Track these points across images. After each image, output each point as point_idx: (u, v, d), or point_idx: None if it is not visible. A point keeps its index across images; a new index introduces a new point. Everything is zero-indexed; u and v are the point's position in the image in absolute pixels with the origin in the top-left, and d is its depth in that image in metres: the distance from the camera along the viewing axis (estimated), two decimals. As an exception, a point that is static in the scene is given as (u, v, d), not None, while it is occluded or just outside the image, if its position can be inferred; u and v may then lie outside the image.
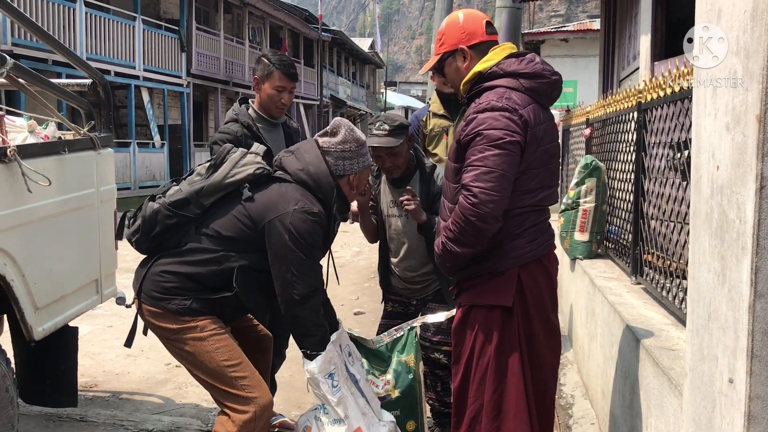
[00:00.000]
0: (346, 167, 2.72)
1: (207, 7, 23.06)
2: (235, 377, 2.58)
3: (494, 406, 2.44)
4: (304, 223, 2.55)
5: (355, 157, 2.74)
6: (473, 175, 2.30)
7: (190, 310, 2.58)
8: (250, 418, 2.55)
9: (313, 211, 2.58)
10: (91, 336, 5.46)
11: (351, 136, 2.74)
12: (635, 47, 6.87)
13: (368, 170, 2.85)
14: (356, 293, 7.37)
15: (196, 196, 2.61)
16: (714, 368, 1.68)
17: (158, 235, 2.63)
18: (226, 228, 2.60)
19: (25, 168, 2.83)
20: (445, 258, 2.48)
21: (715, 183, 1.70)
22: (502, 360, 2.44)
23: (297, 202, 2.57)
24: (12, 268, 2.83)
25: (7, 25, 12.63)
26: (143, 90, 17.72)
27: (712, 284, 1.71)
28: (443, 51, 2.58)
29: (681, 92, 2.80)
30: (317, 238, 2.61)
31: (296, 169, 2.67)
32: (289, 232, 2.53)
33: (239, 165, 2.65)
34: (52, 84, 3.49)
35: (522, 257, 2.45)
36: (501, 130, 2.29)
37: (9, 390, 2.81)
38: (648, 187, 3.44)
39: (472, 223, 2.30)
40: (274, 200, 2.60)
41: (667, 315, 3.01)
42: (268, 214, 2.57)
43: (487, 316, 2.46)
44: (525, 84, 2.41)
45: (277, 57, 3.45)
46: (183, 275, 2.59)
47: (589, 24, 19.30)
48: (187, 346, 2.60)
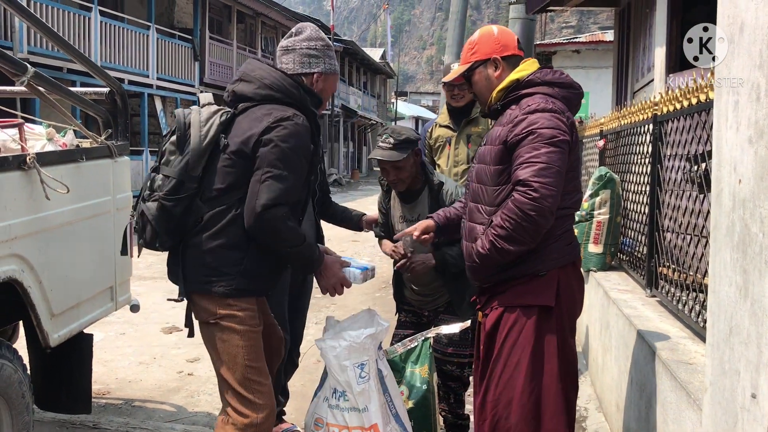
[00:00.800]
0: (312, 64, 2.67)
1: (220, 16, 23.22)
2: (251, 380, 2.57)
3: (531, 406, 2.44)
4: (283, 129, 2.48)
5: (321, 56, 2.69)
6: (532, 171, 2.32)
7: (237, 291, 2.54)
8: (250, 422, 2.54)
9: (286, 116, 2.51)
10: (103, 343, 5.48)
11: (316, 35, 2.71)
12: (649, 59, 6.86)
13: (335, 75, 2.76)
14: (367, 303, 7.36)
15: (185, 172, 2.54)
16: (736, 383, 1.67)
17: (177, 225, 2.57)
18: (222, 180, 2.53)
19: (44, 175, 2.85)
20: (490, 258, 2.45)
21: (737, 196, 1.69)
22: (539, 360, 2.44)
23: (269, 114, 2.51)
24: (29, 274, 2.84)
25: (23, 34, 12.76)
26: (156, 98, 17.83)
27: (734, 298, 1.70)
28: (475, 59, 2.67)
29: (698, 105, 2.80)
30: (302, 139, 2.53)
31: (253, 90, 2.59)
32: (271, 144, 2.46)
33: (205, 123, 2.57)
34: (71, 92, 3.52)
35: (561, 259, 2.50)
36: (554, 129, 2.37)
37: (25, 396, 2.82)
38: (663, 199, 3.43)
39: (532, 219, 2.31)
40: (248, 126, 2.53)
41: (683, 328, 3.00)
42: (249, 142, 2.50)
43: (521, 315, 2.47)
44: (560, 92, 2.52)
45: None
46: (218, 248, 2.54)
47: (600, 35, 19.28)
48: (222, 334, 2.57)
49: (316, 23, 30.38)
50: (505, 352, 2.48)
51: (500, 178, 2.49)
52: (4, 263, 2.69)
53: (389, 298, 7.54)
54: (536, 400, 2.44)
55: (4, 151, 3.25)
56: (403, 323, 3.59)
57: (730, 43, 1.77)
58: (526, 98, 2.50)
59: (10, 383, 2.71)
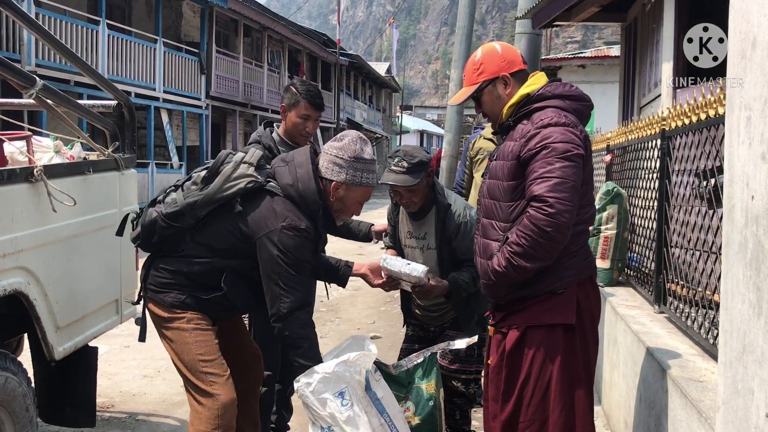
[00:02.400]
0: (333, 172, 2.75)
1: (227, 30, 23.35)
2: (205, 372, 2.73)
3: (563, 424, 2.41)
4: (291, 239, 2.63)
5: (345, 166, 2.75)
6: (547, 186, 2.30)
7: (183, 304, 2.74)
8: (209, 411, 2.70)
9: (300, 227, 2.66)
10: (108, 356, 5.46)
11: (350, 147, 2.76)
12: (656, 74, 6.86)
13: (362, 189, 2.80)
14: (372, 317, 7.34)
15: (190, 209, 2.72)
16: (749, 402, 1.64)
17: (157, 242, 2.79)
18: (219, 241, 2.73)
19: (51, 188, 2.85)
20: (507, 276, 2.41)
21: (749, 213, 1.67)
22: (567, 378, 2.42)
23: (285, 218, 2.65)
24: (35, 287, 2.84)
25: (31, 47, 12.84)
26: (163, 111, 17.90)
27: (747, 316, 1.67)
28: (483, 79, 2.62)
29: (707, 120, 2.79)
30: (306, 253, 2.70)
31: (286, 184, 2.73)
32: (277, 248, 2.62)
33: (231, 179, 2.72)
34: (79, 105, 3.53)
35: (579, 275, 2.48)
36: (568, 143, 2.35)
37: (29, 409, 2.81)
38: (672, 214, 3.41)
39: (548, 235, 2.29)
40: (264, 216, 2.68)
41: (692, 345, 2.97)
42: (258, 231, 2.67)
43: (546, 336, 2.44)
44: (572, 105, 2.50)
45: (305, 87, 3.48)
46: (178, 273, 2.75)
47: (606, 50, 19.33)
48: (171, 333, 2.77)
49: (322, 37, 30.69)
50: (534, 374, 2.44)
51: (514, 193, 2.46)
52: (10, 276, 2.68)
53: (394, 312, 7.52)
54: (568, 417, 2.42)
55: (12, 163, 3.26)
56: (410, 337, 3.57)
57: (741, 59, 1.76)
58: (538, 112, 2.47)
59: (15, 396, 2.70)
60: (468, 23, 9.69)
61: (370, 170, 2.80)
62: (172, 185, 2.86)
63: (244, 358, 3.09)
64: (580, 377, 2.44)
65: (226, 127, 23.41)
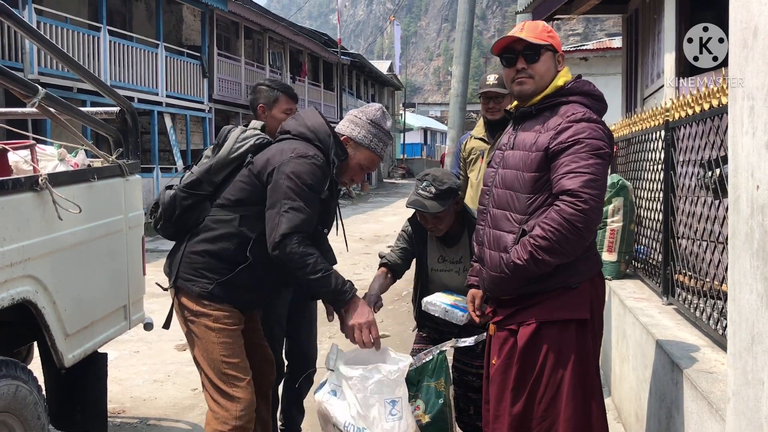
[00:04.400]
0: (347, 129, 2.84)
1: (228, 33, 23.37)
2: (228, 374, 2.73)
3: (578, 421, 2.39)
4: (301, 165, 2.65)
5: (361, 126, 2.83)
6: (581, 182, 2.27)
7: (210, 295, 2.74)
8: (229, 414, 2.70)
9: (309, 153, 2.69)
10: (118, 361, 5.48)
11: (371, 111, 2.86)
12: (659, 65, 6.84)
13: (368, 153, 2.84)
14: (380, 316, 7.33)
15: (207, 175, 2.81)
16: (760, 393, 1.64)
17: (179, 217, 2.83)
18: (235, 192, 2.77)
19: (56, 196, 2.86)
20: (526, 270, 2.37)
21: (755, 203, 1.66)
22: (581, 374, 2.40)
23: (293, 150, 2.70)
24: (43, 295, 2.85)
25: (34, 55, 12.88)
26: (166, 116, 17.94)
27: (755, 306, 1.67)
28: (552, 43, 2.53)
29: (711, 110, 2.77)
30: (317, 180, 2.68)
31: (295, 125, 2.82)
32: (287, 176, 2.63)
33: (240, 139, 2.83)
34: (82, 112, 3.54)
35: (590, 270, 2.47)
36: (600, 141, 2.35)
37: (41, 417, 2.82)
38: (677, 205, 3.40)
39: (579, 230, 2.26)
40: (273, 153, 2.74)
41: (701, 336, 2.96)
42: (269, 165, 2.70)
43: (561, 331, 2.42)
44: (594, 105, 2.49)
45: (277, 82, 3.54)
46: (206, 253, 2.75)
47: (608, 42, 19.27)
48: (197, 329, 2.77)
49: (323, 37, 30.68)
50: (546, 372, 2.42)
51: (535, 185, 2.42)
52: (18, 284, 2.69)
53: (402, 310, 7.52)
54: (583, 414, 2.40)
55: (17, 172, 3.27)
56: (423, 338, 3.53)
57: (743, 48, 1.75)
58: (565, 106, 2.45)
59: (26, 404, 2.71)
60: (468, 19, 9.68)
61: (382, 139, 2.85)
62: (187, 166, 2.96)
63: (257, 362, 3.07)
64: (592, 373, 2.43)
65: (229, 130, 23.42)
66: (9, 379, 2.60)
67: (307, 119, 2.82)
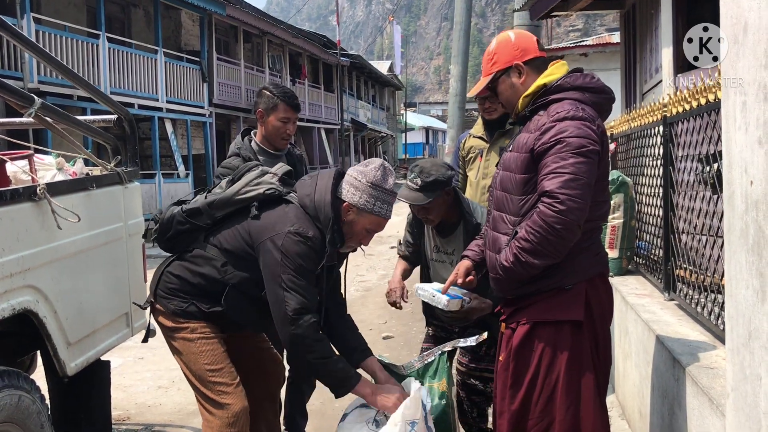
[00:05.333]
0: (348, 194, 2.71)
1: (227, 37, 23.40)
2: (213, 381, 2.73)
3: (570, 422, 2.39)
4: (296, 245, 2.60)
5: (362, 190, 2.69)
6: (559, 182, 2.25)
7: (186, 313, 2.76)
8: (222, 424, 2.69)
9: (307, 234, 2.62)
10: (122, 368, 5.49)
11: (371, 173, 2.70)
12: (657, 60, 6.83)
13: (372, 217, 2.72)
14: (384, 317, 7.34)
15: (208, 208, 2.77)
16: (758, 388, 1.63)
17: (171, 237, 2.84)
18: (228, 241, 2.74)
19: (55, 205, 2.87)
20: (515, 272, 2.39)
21: (749, 198, 1.66)
22: (574, 376, 2.39)
23: (292, 224, 2.63)
24: (44, 304, 2.85)
25: (33, 65, 12.91)
26: (167, 121, 17.96)
27: (752, 301, 1.67)
28: (496, 70, 2.58)
29: (707, 105, 2.77)
30: (309, 262, 2.63)
31: (304, 194, 2.74)
32: (280, 251, 2.59)
33: (252, 183, 2.77)
34: (78, 121, 3.55)
35: (588, 271, 2.44)
36: (583, 138, 2.30)
37: (44, 426, 2.82)
38: (677, 201, 3.39)
39: (557, 232, 2.25)
40: (273, 220, 2.68)
41: (703, 331, 2.95)
42: (264, 234, 2.65)
43: (554, 332, 2.41)
44: (591, 98, 2.44)
45: (280, 89, 3.48)
46: (184, 280, 2.77)
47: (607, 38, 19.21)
48: (177, 344, 2.79)
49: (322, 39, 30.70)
50: (542, 373, 2.42)
51: (526, 187, 2.42)
52: (19, 295, 2.70)
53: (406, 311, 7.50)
54: (575, 416, 2.39)
55: (15, 182, 3.28)
56: (432, 337, 3.53)
57: (734, 44, 1.75)
58: (555, 104, 2.41)
59: (29, 414, 2.71)
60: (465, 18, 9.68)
61: (385, 200, 2.71)
62: (201, 189, 2.93)
63: (260, 362, 3.09)
64: (588, 375, 2.40)
65: (230, 134, 23.46)
66: (11, 389, 2.60)
67: (317, 192, 2.70)
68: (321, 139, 29.34)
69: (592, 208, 2.36)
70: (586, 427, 2.39)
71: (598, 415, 2.42)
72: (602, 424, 2.44)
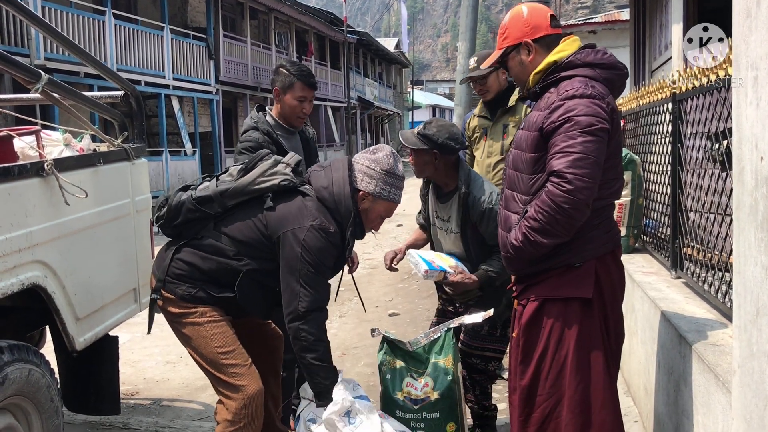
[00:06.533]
0: (363, 183, 2.76)
1: (233, 14, 23.27)
2: (226, 364, 2.72)
3: (580, 399, 2.39)
4: (318, 240, 2.62)
5: (377, 178, 2.76)
6: (567, 161, 2.24)
7: (194, 298, 2.73)
8: (239, 405, 2.69)
9: (329, 230, 2.66)
10: (130, 344, 5.53)
11: (384, 161, 2.78)
12: (667, 37, 6.76)
13: (387, 204, 2.81)
14: (390, 294, 7.36)
15: (220, 197, 2.74)
16: (765, 365, 1.63)
17: (180, 224, 2.80)
18: (243, 232, 2.71)
19: (62, 181, 2.87)
20: (524, 251, 2.39)
21: (759, 174, 1.65)
22: (584, 353, 2.40)
23: (314, 218, 2.65)
24: (53, 280, 2.87)
25: (40, 41, 12.88)
26: (173, 99, 17.94)
27: (760, 278, 1.66)
28: (507, 45, 2.57)
29: (717, 81, 2.74)
30: (329, 257, 2.68)
31: (321, 187, 2.74)
32: (302, 246, 2.60)
33: (267, 174, 2.74)
34: (85, 97, 3.54)
35: (599, 249, 2.43)
36: (592, 117, 2.28)
37: (54, 400, 2.85)
38: (686, 179, 3.37)
39: (565, 211, 2.24)
40: (293, 213, 2.67)
41: (710, 309, 2.95)
42: (285, 226, 2.65)
43: (563, 309, 2.41)
44: (602, 74, 2.41)
45: (297, 67, 3.45)
46: (194, 266, 2.74)
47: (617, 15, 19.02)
48: (186, 330, 2.76)
49: (329, 16, 30.51)
50: (551, 349, 2.43)
51: (536, 166, 2.40)
52: (28, 270, 2.71)
53: (412, 288, 7.54)
54: (585, 393, 2.40)
55: (23, 158, 3.28)
56: (439, 311, 3.60)
57: (746, 17, 1.73)
58: (565, 81, 2.39)
59: (39, 388, 2.75)
60: (473, -6, 9.58)
61: (398, 186, 2.81)
62: (208, 175, 2.89)
63: (264, 339, 3.12)
64: (597, 353, 2.41)
65: (237, 112, 23.44)
66: (22, 363, 2.63)
67: (335, 184, 2.73)
68: (327, 117, 29.27)
69: (603, 186, 2.35)
70: (595, 404, 2.40)
71: (608, 393, 2.43)
72: (612, 401, 2.45)
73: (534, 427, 2.50)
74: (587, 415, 2.41)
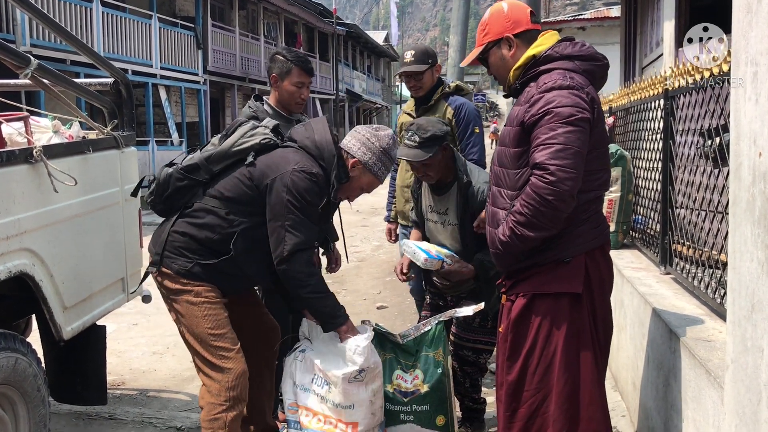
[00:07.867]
0: (359, 151, 2.85)
1: (222, 3, 23.11)
2: (215, 345, 2.75)
3: (568, 395, 2.39)
4: (302, 181, 2.68)
5: (374, 152, 2.86)
6: (548, 153, 2.23)
7: (190, 273, 2.76)
8: (222, 387, 2.72)
9: (312, 171, 2.72)
10: (116, 334, 5.49)
11: (385, 140, 2.88)
12: (658, 33, 6.78)
13: (372, 178, 2.91)
14: (378, 287, 7.36)
15: (205, 162, 2.80)
16: (759, 360, 1.64)
17: (170, 196, 2.84)
18: (229, 189, 2.77)
19: (51, 168, 2.84)
20: (512, 246, 2.38)
21: (757, 170, 1.65)
22: (573, 349, 2.40)
23: (296, 162, 2.72)
24: (40, 268, 2.84)
25: (26, 27, 12.73)
26: (161, 88, 17.79)
27: (756, 274, 1.66)
28: (488, 41, 2.57)
29: (711, 78, 2.75)
30: (315, 198, 2.73)
31: (302, 137, 2.83)
32: (287, 189, 2.67)
33: (247, 135, 2.82)
34: (75, 83, 3.50)
35: (588, 244, 2.42)
36: (572, 107, 2.27)
37: (40, 389, 2.82)
38: (676, 175, 3.38)
39: (550, 203, 2.23)
40: (276, 161, 2.75)
41: (699, 305, 2.96)
42: (269, 174, 2.71)
43: (553, 304, 2.41)
44: (581, 66, 2.41)
45: (293, 53, 3.44)
46: (189, 236, 2.77)
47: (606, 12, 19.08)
48: (180, 306, 2.79)
49: (318, 7, 30.35)
50: (539, 344, 2.42)
51: (520, 160, 2.40)
52: (15, 257, 2.68)
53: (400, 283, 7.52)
54: (573, 389, 2.40)
55: (11, 144, 3.24)
56: (428, 305, 3.58)
57: (746, 13, 1.72)
58: (544, 75, 2.39)
59: (25, 377, 2.72)
60: (465, -12, 9.56)
61: (387, 167, 2.91)
62: (191, 148, 2.95)
63: (259, 331, 3.12)
64: (586, 349, 2.41)
65: (224, 102, 23.29)
66: (8, 352, 2.60)
67: (316, 133, 2.82)
68: (316, 110, 29.15)
69: (589, 177, 2.34)
70: (583, 400, 2.40)
71: (596, 389, 2.42)
72: (600, 397, 2.45)
73: (520, 422, 2.50)
74: (575, 411, 2.41)
